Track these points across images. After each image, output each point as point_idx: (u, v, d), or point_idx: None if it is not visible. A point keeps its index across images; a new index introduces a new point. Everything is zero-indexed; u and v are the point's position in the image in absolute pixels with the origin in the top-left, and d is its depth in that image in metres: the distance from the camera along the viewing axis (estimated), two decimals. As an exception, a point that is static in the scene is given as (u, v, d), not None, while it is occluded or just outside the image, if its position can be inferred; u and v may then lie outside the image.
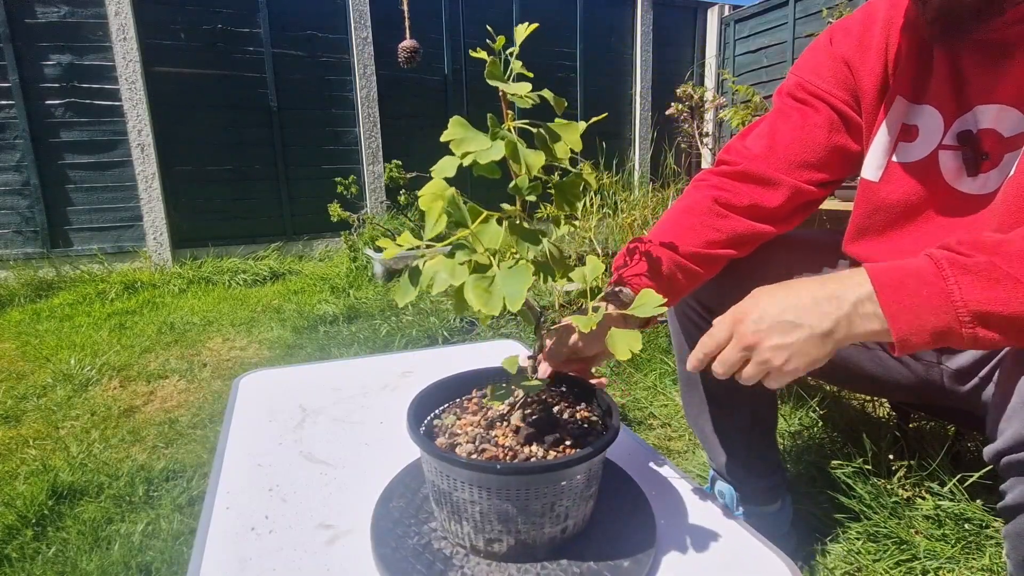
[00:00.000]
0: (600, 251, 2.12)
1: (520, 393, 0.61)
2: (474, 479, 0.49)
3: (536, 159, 0.52)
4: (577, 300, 2.07)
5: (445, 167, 0.51)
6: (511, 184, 0.54)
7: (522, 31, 0.53)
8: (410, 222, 3.75)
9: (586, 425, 0.61)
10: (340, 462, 0.70)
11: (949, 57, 0.67)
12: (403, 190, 3.72)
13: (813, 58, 0.80)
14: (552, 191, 0.59)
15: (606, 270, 0.70)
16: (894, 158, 0.72)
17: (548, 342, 0.69)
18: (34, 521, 1.20)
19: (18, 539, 1.15)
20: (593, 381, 0.69)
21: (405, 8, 3.56)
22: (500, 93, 0.52)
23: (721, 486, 1.05)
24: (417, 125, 4.68)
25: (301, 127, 4.30)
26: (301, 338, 2.38)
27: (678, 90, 4.46)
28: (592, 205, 2.94)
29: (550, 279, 0.56)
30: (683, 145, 4.95)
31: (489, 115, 0.51)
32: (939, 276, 0.49)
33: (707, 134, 4.85)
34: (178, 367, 2.09)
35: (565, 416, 0.62)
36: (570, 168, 0.58)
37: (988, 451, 0.55)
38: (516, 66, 0.53)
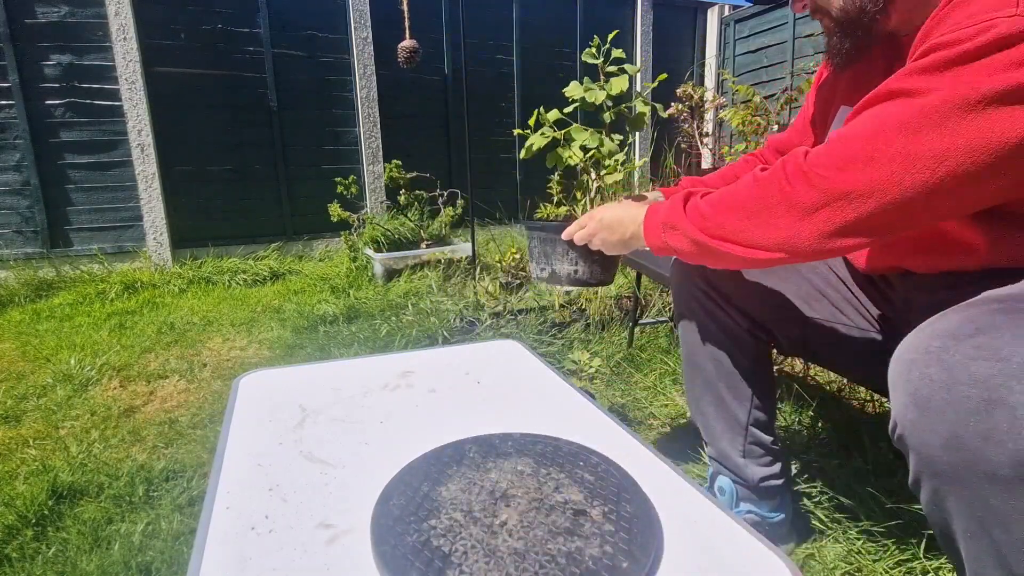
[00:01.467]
0: (600, 251, 2.12)
1: None
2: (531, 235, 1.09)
3: (619, 83, 1.18)
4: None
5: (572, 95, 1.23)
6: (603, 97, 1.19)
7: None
8: (410, 222, 3.75)
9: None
10: (340, 462, 0.70)
11: (868, 70, 0.88)
12: (403, 190, 3.72)
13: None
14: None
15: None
16: None
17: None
18: (34, 521, 1.20)
19: (18, 539, 1.15)
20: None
21: (405, 8, 3.55)
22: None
23: (721, 481, 1.06)
24: (417, 125, 4.68)
25: (301, 127, 4.30)
26: (301, 338, 2.38)
27: (678, 90, 4.46)
28: (592, 205, 2.93)
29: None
30: (683, 145, 4.95)
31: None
32: (672, 206, 0.80)
33: (707, 134, 4.86)
34: (178, 367, 2.09)
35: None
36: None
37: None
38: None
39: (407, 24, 3.56)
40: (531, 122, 1.24)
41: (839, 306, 0.94)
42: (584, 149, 1.20)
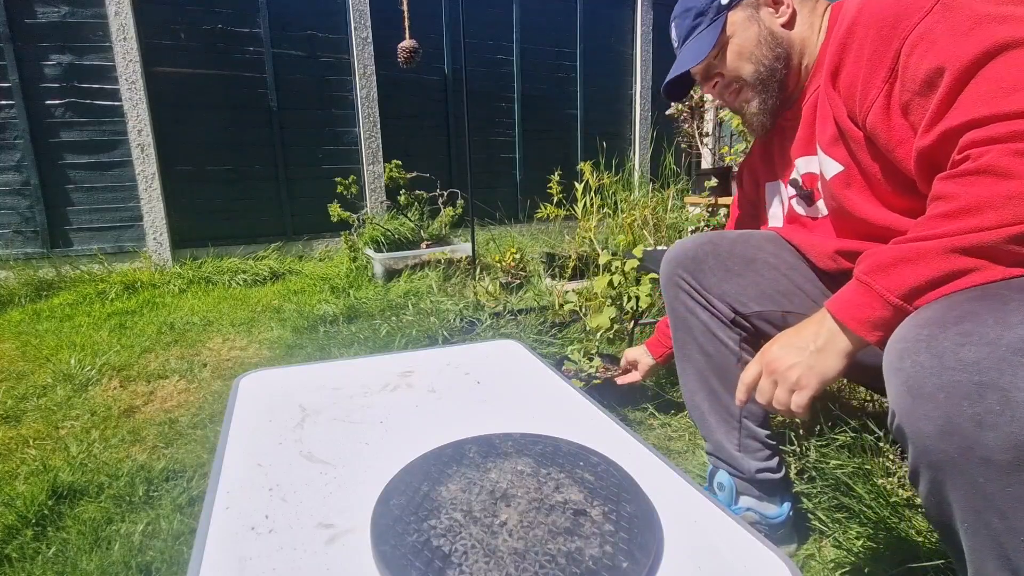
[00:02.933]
0: (599, 251, 2.12)
1: None
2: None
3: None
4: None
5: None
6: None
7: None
8: (410, 222, 3.75)
9: None
10: (340, 462, 0.70)
11: (774, 144, 1.06)
12: (403, 190, 3.72)
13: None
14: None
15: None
16: (783, 213, 1.09)
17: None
18: (34, 521, 1.20)
19: (18, 539, 1.15)
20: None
21: (405, 8, 3.56)
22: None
23: (720, 477, 1.07)
24: (417, 125, 4.68)
25: (301, 127, 4.30)
26: (301, 338, 2.38)
27: (678, 90, 4.44)
28: (592, 205, 2.94)
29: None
30: (683, 145, 4.95)
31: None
32: (863, 286, 0.65)
33: (707, 134, 4.85)
34: (178, 367, 2.09)
35: None
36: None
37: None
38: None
39: (407, 24, 3.56)
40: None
41: (818, 301, 0.97)
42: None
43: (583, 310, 2.06)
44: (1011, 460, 0.47)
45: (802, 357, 0.70)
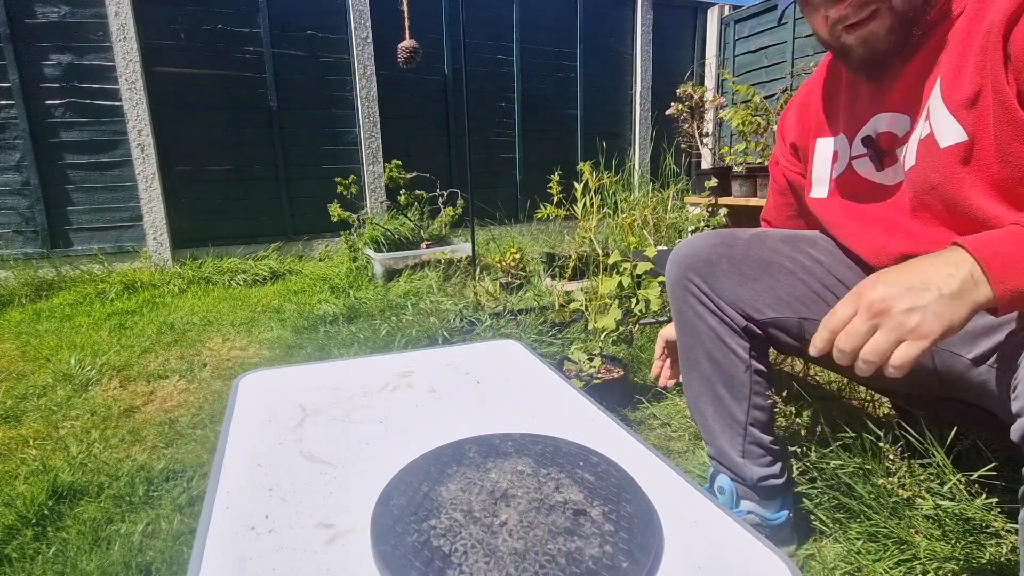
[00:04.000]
0: (600, 251, 2.12)
1: None
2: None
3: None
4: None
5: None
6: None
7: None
8: (410, 222, 3.75)
9: None
10: (340, 462, 0.70)
11: (849, 88, 0.92)
12: (403, 190, 3.72)
13: (777, 140, 1.14)
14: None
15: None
16: (833, 174, 0.95)
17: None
18: (34, 521, 1.20)
19: (18, 539, 1.15)
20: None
21: (405, 8, 3.56)
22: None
23: (721, 481, 1.06)
24: (417, 125, 4.68)
25: (301, 127, 4.30)
26: (301, 338, 2.38)
27: (678, 90, 4.46)
28: (592, 205, 2.93)
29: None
30: (683, 145, 4.94)
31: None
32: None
33: (707, 134, 4.85)
34: (178, 367, 2.09)
35: None
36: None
37: (1016, 429, 0.58)
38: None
39: (407, 24, 3.56)
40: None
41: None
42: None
43: (587, 310, 2.06)
44: None
45: (926, 300, 0.56)
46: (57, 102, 3.65)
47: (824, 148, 0.97)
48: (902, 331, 0.56)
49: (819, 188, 0.98)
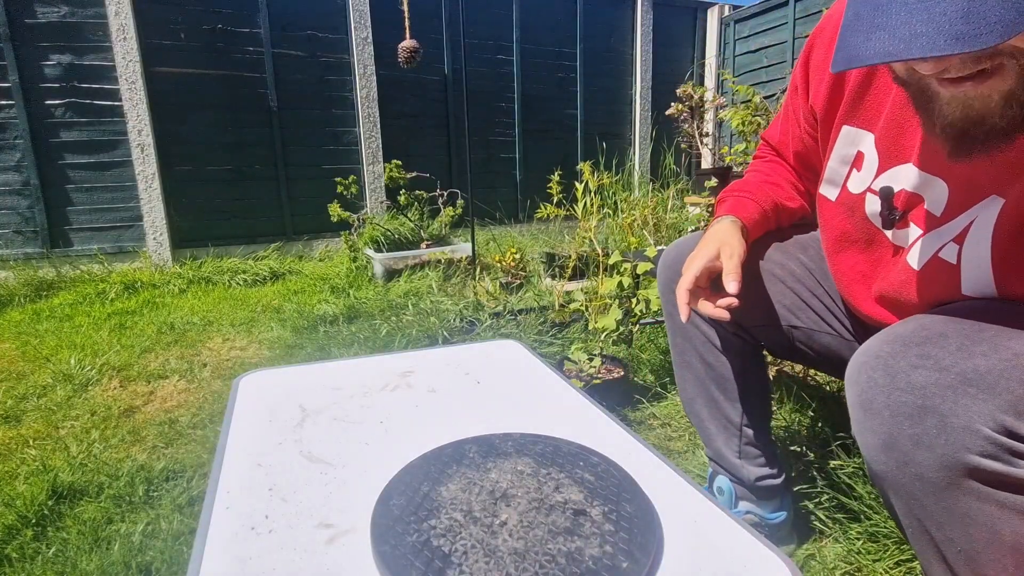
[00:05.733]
0: (600, 251, 2.12)
1: None
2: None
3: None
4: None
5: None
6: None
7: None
8: (410, 222, 3.75)
9: None
10: (340, 462, 0.70)
11: (908, 114, 0.67)
12: (403, 190, 3.72)
13: (795, 69, 0.89)
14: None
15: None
16: (849, 185, 0.79)
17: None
18: (34, 521, 1.20)
19: (18, 539, 1.15)
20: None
21: (405, 8, 3.56)
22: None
23: (720, 482, 1.06)
24: (417, 125, 4.68)
25: (301, 127, 4.30)
26: (301, 338, 2.38)
27: (678, 90, 4.46)
28: (592, 205, 2.94)
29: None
30: (683, 145, 4.95)
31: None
32: None
33: (707, 134, 4.85)
34: (178, 367, 2.09)
35: None
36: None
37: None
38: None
39: (407, 24, 3.56)
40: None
41: (824, 317, 0.93)
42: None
43: (587, 310, 2.06)
44: (942, 479, 0.51)
45: None
46: (57, 102, 3.65)
47: (848, 142, 0.78)
48: None
49: (829, 188, 0.83)
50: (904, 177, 0.70)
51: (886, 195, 0.72)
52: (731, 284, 0.83)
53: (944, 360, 0.53)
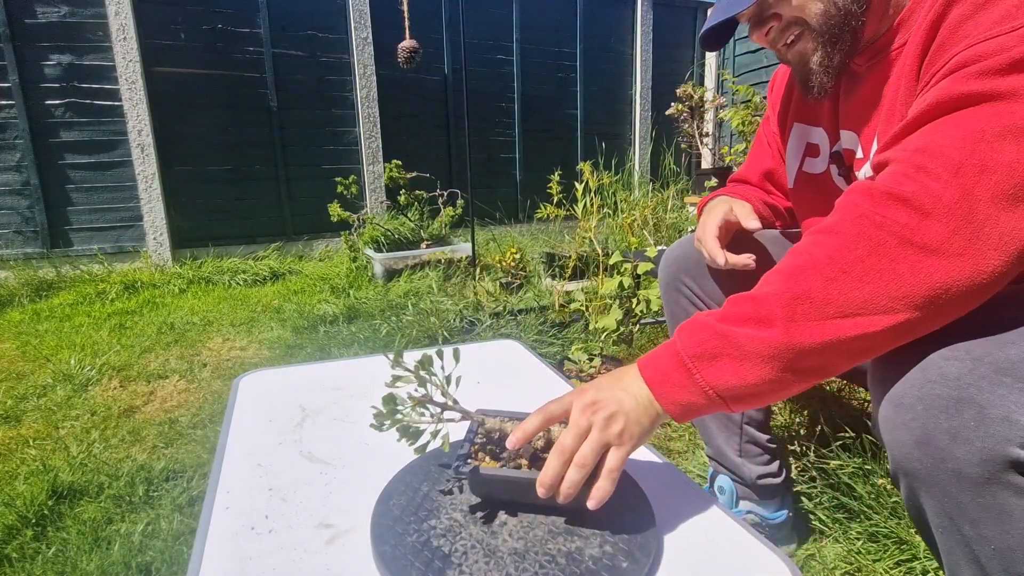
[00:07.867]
0: (600, 251, 2.12)
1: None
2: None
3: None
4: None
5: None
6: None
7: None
8: (410, 222, 3.75)
9: None
10: (340, 462, 0.70)
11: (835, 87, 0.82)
12: (403, 190, 3.72)
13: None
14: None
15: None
16: (804, 168, 0.92)
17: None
18: (34, 521, 1.20)
19: (18, 539, 1.15)
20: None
21: (405, 8, 3.56)
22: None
23: (721, 481, 1.06)
24: (417, 125, 4.68)
25: (301, 127, 4.30)
26: (301, 338, 2.38)
27: (678, 90, 4.46)
28: (592, 205, 2.94)
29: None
30: (683, 145, 4.95)
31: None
32: (683, 367, 0.57)
33: (707, 134, 4.86)
34: (178, 367, 2.09)
35: None
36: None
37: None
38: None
39: (407, 24, 3.56)
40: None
41: None
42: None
43: (587, 310, 2.06)
44: (982, 474, 0.48)
45: (627, 407, 0.57)
46: (57, 102, 3.65)
47: (800, 137, 0.92)
48: (609, 434, 0.56)
49: (789, 178, 0.96)
50: (830, 140, 0.86)
51: (837, 158, 0.86)
52: (751, 223, 0.91)
53: (976, 350, 0.51)
